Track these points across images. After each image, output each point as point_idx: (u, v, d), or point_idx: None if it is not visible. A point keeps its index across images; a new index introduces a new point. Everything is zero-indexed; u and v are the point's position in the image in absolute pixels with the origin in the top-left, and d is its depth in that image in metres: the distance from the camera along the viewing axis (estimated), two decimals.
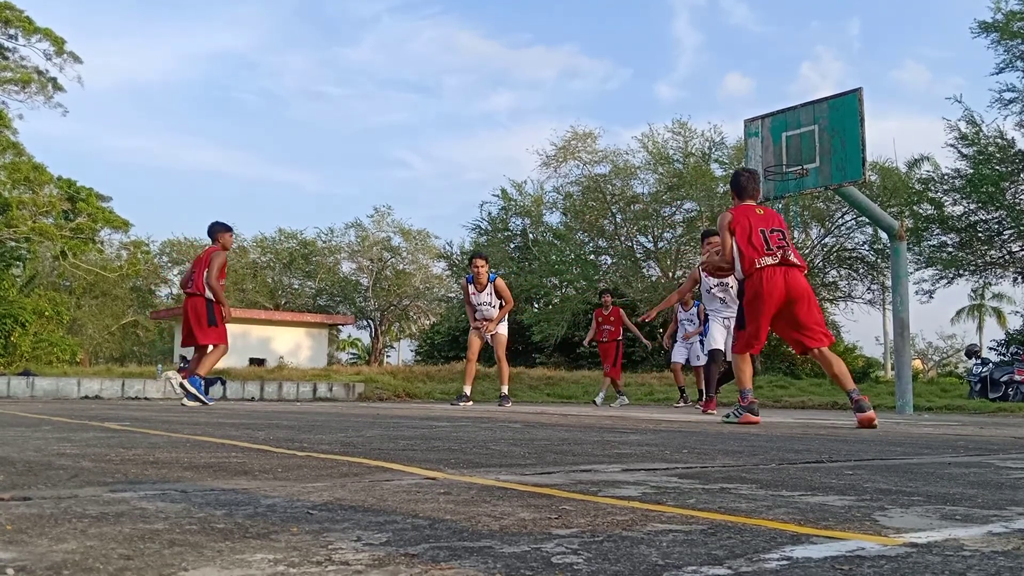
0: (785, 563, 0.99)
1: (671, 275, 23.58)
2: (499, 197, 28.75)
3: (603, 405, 10.67)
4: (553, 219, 27.79)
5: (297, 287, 35.85)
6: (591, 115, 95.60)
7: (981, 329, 42.42)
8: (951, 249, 18.08)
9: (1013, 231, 17.37)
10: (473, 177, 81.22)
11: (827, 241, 22.86)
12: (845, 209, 20.51)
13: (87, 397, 11.74)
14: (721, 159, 23.10)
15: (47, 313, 22.06)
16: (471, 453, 2.55)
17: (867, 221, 17.88)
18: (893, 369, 11.24)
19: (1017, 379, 12.97)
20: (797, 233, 21.88)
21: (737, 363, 5.35)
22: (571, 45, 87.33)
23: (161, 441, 2.91)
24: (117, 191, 75.58)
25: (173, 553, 0.98)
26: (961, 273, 18.32)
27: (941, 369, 41.34)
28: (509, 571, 0.92)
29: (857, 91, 8.72)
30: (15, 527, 1.13)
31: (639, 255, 25.24)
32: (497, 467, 2.11)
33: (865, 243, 22.13)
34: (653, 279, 24.05)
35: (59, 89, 23.76)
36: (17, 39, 23.31)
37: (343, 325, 33.09)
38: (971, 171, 17.01)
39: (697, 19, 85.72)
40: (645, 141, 23.96)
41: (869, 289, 23.32)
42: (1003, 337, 20.98)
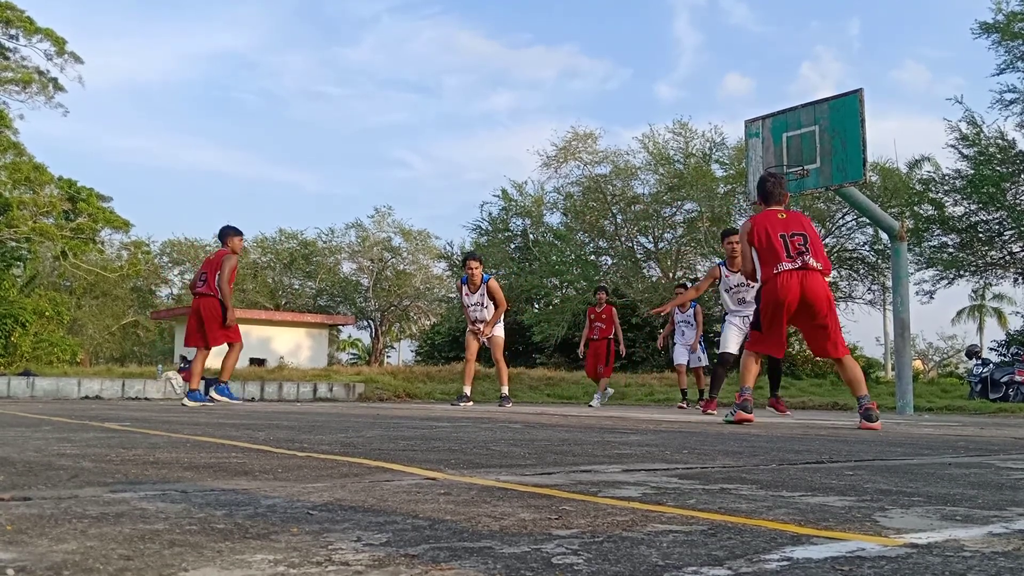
0: (785, 563, 0.99)
1: (671, 276, 23.57)
2: (499, 197, 28.78)
3: (602, 405, 10.66)
4: (553, 219, 27.83)
5: (297, 287, 35.84)
6: (591, 115, 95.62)
7: (982, 330, 42.43)
8: (952, 250, 18.09)
9: (1014, 232, 17.37)
10: (473, 177, 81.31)
11: (828, 242, 22.82)
12: (846, 210, 20.51)
13: (87, 397, 11.74)
14: (722, 160, 23.11)
15: (47, 313, 22.05)
16: (471, 453, 2.55)
17: (868, 222, 17.86)
18: (893, 370, 11.24)
19: (1018, 380, 12.97)
20: None
21: (745, 360, 5.39)
22: (571, 45, 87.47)
23: (161, 441, 2.91)
24: (117, 191, 75.59)
25: (173, 553, 0.98)
26: (962, 274, 18.33)
27: (941, 370, 41.29)
28: (509, 571, 0.92)
29: (858, 92, 8.73)
30: (15, 527, 1.13)
31: (639, 256, 25.24)
32: (497, 467, 2.11)
33: (866, 244, 22.15)
34: (653, 280, 24.04)
35: (60, 89, 23.78)
36: (18, 39, 23.33)
37: (343, 325, 33.10)
38: (972, 172, 17.01)
39: (697, 19, 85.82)
40: (645, 141, 23.99)
41: (870, 290, 23.34)
42: (1004, 338, 20.99)
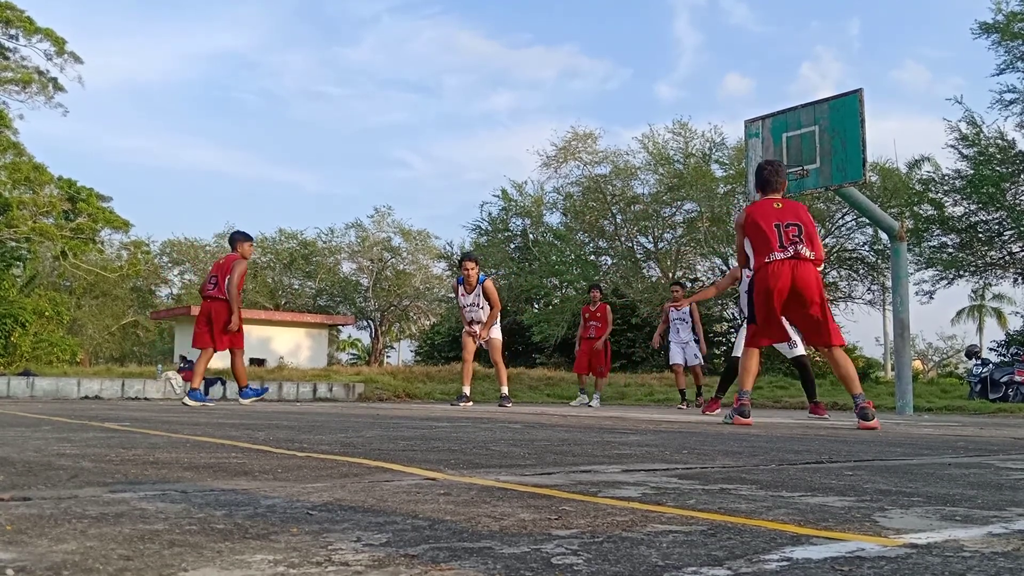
0: (785, 564, 0.99)
1: (671, 275, 23.58)
2: (499, 197, 28.78)
3: (601, 405, 10.67)
4: (553, 219, 27.83)
5: (297, 287, 35.82)
6: (591, 115, 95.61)
7: (981, 330, 42.47)
8: (951, 250, 18.09)
9: (1013, 232, 17.38)
10: (473, 177, 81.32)
11: (827, 242, 22.83)
12: (846, 210, 20.51)
13: (87, 397, 11.74)
14: (721, 160, 23.12)
15: (47, 313, 22.04)
16: (471, 453, 2.54)
17: (867, 222, 17.86)
18: (893, 370, 11.24)
19: (1017, 380, 12.97)
20: None
21: (744, 359, 5.29)
22: (571, 45, 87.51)
23: (161, 441, 2.91)
24: (117, 191, 75.64)
25: (173, 554, 0.98)
26: (961, 274, 18.33)
27: (941, 370, 41.32)
28: (509, 572, 0.92)
29: (857, 92, 8.73)
30: (15, 527, 1.13)
31: (639, 256, 25.25)
32: (497, 468, 2.11)
33: (865, 244, 22.15)
34: (653, 280, 24.05)
35: (60, 89, 23.78)
36: (18, 39, 23.33)
37: (343, 325, 33.08)
38: (972, 172, 17.02)
39: (697, 19, 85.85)
40: (645, 142, 24.00)
41: (869, 290, 23.35)
42: (1003, 338, 21.00)
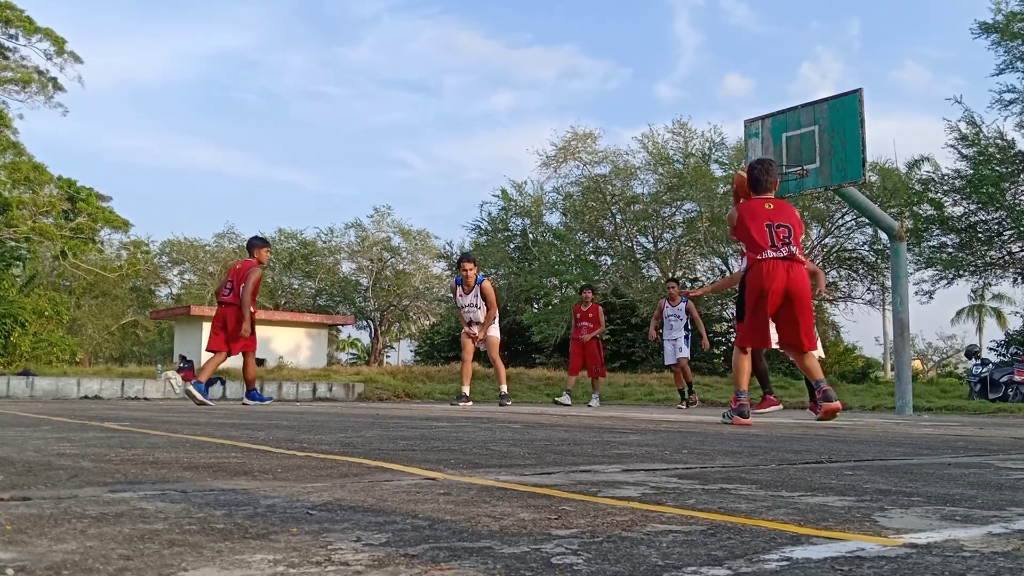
0: (785, 564, 0.99)
1: (671, 275, 23.59)
2: (499, 197, 28.75)
3: (600, 404, 10.66)
4: (553, 219, 27.81)
5: (297, 287, 35.80)
6: (591, 115, 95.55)
7: (981, 330, 42.48)
8: (951, 250, 18.09)
9: (1013, 232, 17.38)
10: (473, 177, 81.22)
11: (827, 241, 22.88)
12: (845, 209, 20.52)
13: (87, 397, 11.74)
14: (721, 160, 23.12)
15: (47, 313, 22.03)
16: (471, 453, 2.54)
17: (867, 222, 17.88)
18: (893, 369, 11.25)
19: (1017, 380, 12.97)
20: None
21: (736, 360, 5.23)
22: (571, 45, 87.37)
23: (161, 441, 2.91)
24: (117, 191, 75.48)
25: (173, 553, 0.98)
26: (961, 274, 18.33)
27: (941, 370, 41.29)
28: (509, 571, 0.92)
29: (857, 92, 8.73)
30: (15, 527, 1.13)
31: (639, 255, 25.25)
32: (497, 467, 2.11)
33: (865, 243, 22.18)
34: (653, 279, 24.05)
35: (59, 89, 23.77)
36: (18, 39, 23.32)
37: (343, 325, 33.05)
38: (971, 172, 17.02)
39: (697, 19, 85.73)
40: (645, 141, 24.00)
41: (869, 289, 23.37)
42: (1003, 338, 21.00)
